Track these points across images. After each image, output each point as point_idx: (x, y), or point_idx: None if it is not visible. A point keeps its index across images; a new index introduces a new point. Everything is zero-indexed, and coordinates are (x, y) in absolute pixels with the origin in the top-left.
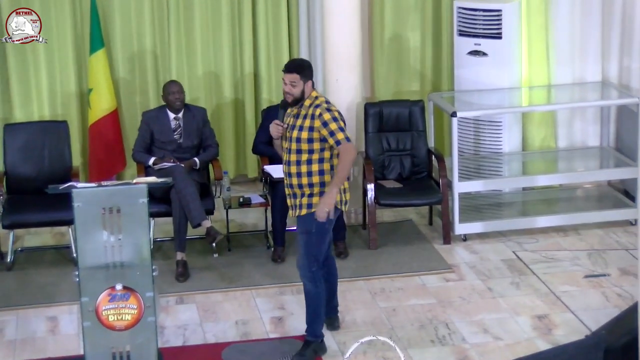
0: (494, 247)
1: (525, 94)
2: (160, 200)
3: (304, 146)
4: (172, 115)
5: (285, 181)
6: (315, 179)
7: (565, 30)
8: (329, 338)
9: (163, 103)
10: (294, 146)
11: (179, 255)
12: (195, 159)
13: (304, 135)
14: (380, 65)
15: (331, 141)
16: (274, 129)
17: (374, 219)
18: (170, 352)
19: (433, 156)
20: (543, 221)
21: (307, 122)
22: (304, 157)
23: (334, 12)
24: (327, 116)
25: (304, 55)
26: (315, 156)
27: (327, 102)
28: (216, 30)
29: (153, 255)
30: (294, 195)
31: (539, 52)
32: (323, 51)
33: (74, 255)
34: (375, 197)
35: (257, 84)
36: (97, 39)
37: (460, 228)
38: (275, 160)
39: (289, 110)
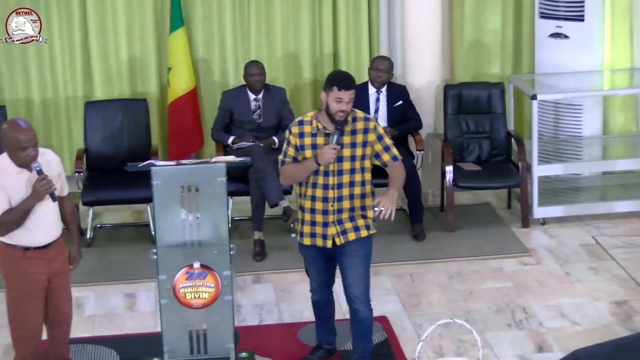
0: (572, 231)
1: (606, 77)
2: (238, 179)
3: (358, 165)
4: (252, 96)
5: (328, 207)
6: (369, 200)
7: None
8: (404, 320)
9: (242, 82)
10: (346, 166)
11: (257, 235)
12: (274, 138)
13: (359, 152)
14: (460, 47)
15: (386, 157)
16: (332, 154)
17: (451, 201)
18: (246, 331)
19: (512, 139)
20: (623, 206)
21: (360, 138)
22: (357, 177)
23: None
24: (380, 130)
25: (383, 37)
26: (367, 176)
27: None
28: (296, 10)
29: (231, 234)
30: (339, 222)
31: (622, 34)
32: (402, 33)
33: (152, 233)
34: (453, 180)
35: (336, 64)
36: (177, 17)
37: (539, 212)
38: None
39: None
